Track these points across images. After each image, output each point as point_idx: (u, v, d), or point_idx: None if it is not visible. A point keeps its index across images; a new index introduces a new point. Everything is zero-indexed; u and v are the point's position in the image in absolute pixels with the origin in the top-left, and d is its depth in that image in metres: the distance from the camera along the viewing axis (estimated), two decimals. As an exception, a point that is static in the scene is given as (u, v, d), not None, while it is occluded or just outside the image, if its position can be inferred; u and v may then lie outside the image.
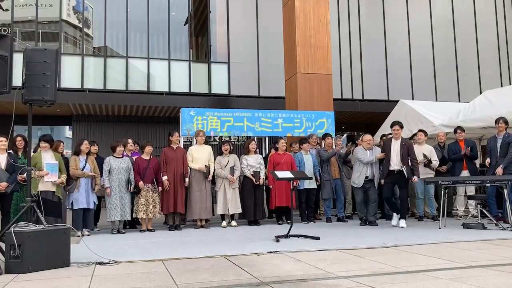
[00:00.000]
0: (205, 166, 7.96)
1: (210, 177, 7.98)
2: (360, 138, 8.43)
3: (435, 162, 8.36)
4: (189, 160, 8.00)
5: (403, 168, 7.43)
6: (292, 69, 11.28)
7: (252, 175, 8.25)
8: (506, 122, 7.71)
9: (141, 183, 7.54)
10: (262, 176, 8.34)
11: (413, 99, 16.73)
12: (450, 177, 8.19)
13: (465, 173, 8.42)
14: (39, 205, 4.98)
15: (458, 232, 6.58)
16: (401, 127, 7.69)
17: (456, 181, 7.56)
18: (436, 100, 16.83)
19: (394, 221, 7.67)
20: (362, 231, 6.92)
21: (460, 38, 18.67)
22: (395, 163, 7.52)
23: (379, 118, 12.21)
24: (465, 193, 8.64)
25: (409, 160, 7.52)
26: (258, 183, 8.25)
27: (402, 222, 7.43)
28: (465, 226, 7.06)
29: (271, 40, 15.85)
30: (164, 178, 7.71)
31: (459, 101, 16.64)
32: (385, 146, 7.77)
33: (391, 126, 7.76)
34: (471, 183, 7.49)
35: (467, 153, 8.30)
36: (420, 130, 8.75)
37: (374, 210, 7.94)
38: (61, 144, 7.70)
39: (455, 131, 8.63)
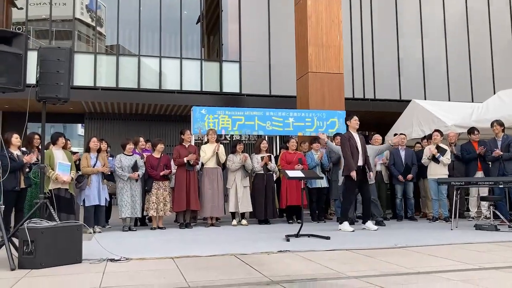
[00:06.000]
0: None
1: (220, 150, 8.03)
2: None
3: (446, 159, 8.26)
4: (202, 157, 8.02)
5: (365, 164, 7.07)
6: (304, 68, 11.25)
7: (262, 158, 8.27)
8: (500, 125, 7.97)
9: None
10: (273, 165, 8.34)
11: (425, 99, 16.58)
12: (463, 178, 8.11)
13: (479, 174, 8.36)
14: (52, 201, 5.03)
15: (471, 233, 6.51)
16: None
17: (468, 182, 7.48)
18: (449, 100, 16.66)
19: (347, 226, 6.91)
20: (373, 231, 6.88)
21: (474, 37, 18.47)
22: (361, 158, 7.06)
23: (391, 118, 12.11)
24: (478, 194, 8.55)
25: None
26: (269, 166, 8.27)
27: (370, 224, 7.03)
28: (478, 227, 6.98)
29: (283, 39, 15.81)
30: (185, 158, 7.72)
31: (472, 101, 16.46)
32: (349, 139, 7.06)
33: (351, 117, 7.17)
34: (483, 184, 7.43)
35: (481, 152, 8.23)
36: (436, 130, 8.66)
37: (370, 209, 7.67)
38: (67, 141, 7.77)
39: (472, 132, 8.52)
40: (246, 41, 16.38)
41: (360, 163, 7.06)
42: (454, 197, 7.35)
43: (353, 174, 6.94)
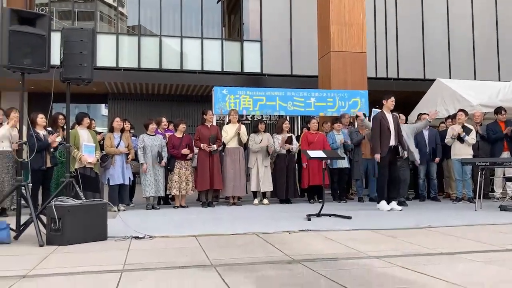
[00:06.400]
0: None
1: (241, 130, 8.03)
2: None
3: (471, 139, 8.07)
4: (224, 137, 8.05)
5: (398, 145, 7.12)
6: (326, 47, 11.10)
7: (284, 138, 8.24)
8: None
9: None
10: (295, 146, 8.31)
11: (450, 77, 16.19)
12: (488, 158, 7.96)
13: (505, 154, 8.19)
14: (77, 180, 5.15)
15: (495, 214, 6.43)
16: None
17: (494, 163, 7.34)
18: (475, 79, 16.25)
19: (384, 205, 7.00)
20: (395, 212, 6.84)
21: (501, 14, 17.86)
22: (394, 138, 7.08)
23: (415, 98, 11.90)
24: (504, 174, 8.39)
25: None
26: (290, 148, 8.21)
27: (394, 205, 7.03)
28: (502, 208, 6.88)
29: (305, 17, 15.58)
30: (202, 145, 7.76)
31: (499, 80, 16.02)
32: (381, 119, 7.12)
33: (389, 97, 7.25)
34: (509, 164, 7.28)
35: (508, 132, 8.05)
36: (460, 110, 8.49)
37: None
38: (92, 121, 7.88)
39: (499, 112, 8.33)
40: (267, 20, 16.21)
41: (392, 143, 7.06)
42: (479, 177, 7.23)
43: (377, 156, 6.98)
